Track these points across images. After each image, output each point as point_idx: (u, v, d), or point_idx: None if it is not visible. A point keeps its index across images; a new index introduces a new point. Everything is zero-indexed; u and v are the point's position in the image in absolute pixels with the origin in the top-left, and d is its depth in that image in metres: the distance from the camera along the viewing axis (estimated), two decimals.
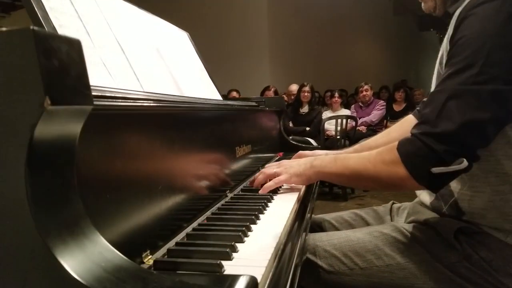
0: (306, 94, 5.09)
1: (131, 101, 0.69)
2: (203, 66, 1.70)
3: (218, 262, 0.64)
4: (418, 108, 1.43)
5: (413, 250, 1.04)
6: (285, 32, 6.42)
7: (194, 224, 0.89)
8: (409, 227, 1.11)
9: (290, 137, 2.28)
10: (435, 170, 0.84)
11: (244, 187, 1.28)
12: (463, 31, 0.87)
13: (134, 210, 0.67)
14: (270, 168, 1.19)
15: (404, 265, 1.04)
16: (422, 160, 0.85)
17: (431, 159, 0.84)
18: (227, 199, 1.12)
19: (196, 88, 1.42)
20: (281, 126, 2.16)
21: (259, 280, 0.59)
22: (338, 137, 4.76)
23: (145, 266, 0.66)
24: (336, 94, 5.50)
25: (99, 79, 0.85)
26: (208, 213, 0.98)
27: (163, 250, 0.74)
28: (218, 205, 1.06)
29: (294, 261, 0.78)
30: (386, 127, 5.55)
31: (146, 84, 1.03)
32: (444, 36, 1.02)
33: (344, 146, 4.77)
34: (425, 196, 1.18)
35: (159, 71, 1.19)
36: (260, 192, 1.13)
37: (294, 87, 5.63)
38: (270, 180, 1.15)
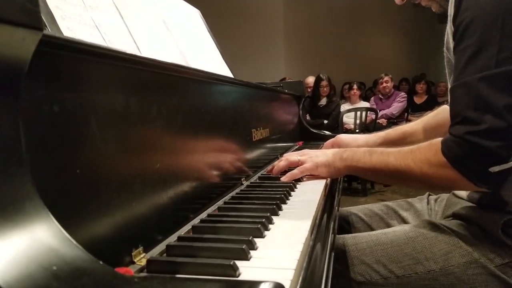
0: (325, 89, 4.88)
1: (126, 62, 0.53)
2: (215, 47, 1.54)
3: (232, 263, 0.48)
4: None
5: (459, 251, 0.87)
6: (300, 23, 6.23)
7: (203, 215, 0.73)
8: (449, 223, 0.94)
9: None
10: (495, 169, 0.74)
11: (261, 175, 1.12)
12: (467, 8, 0.78)
13: (121, 192, 0.51)
14: (293, 155, 1.06)
15: (449, 270, 0.86)
16: (476, 161, 0.76)
17: (486, 158, 0.75)
18: (242, 187, 0.96)
19: (206, 65, 1.26)
20: (300, 113, 1.99)
21: None
22: (357, 130, 4.55)
23: (134, 267, 0.51)
24: (355, 86, 5.28)
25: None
26: (219, 203, 0.82)
27: (161, 247, 0.58)
28: (232, 193, 0.89)
29: (326, 263, 0.62)
30: (407, 120, 5.32)
31: (147, 54, 0.87)
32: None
33: None
34: (462, 192, 1.01)
35: (164, 43, 1.04)
36: (283, 179, 0.99)
37: (310, 79, 5.42)
38: (292, 168, 1.02)
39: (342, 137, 1.38)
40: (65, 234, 0.33)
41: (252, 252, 0.55)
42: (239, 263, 0.50)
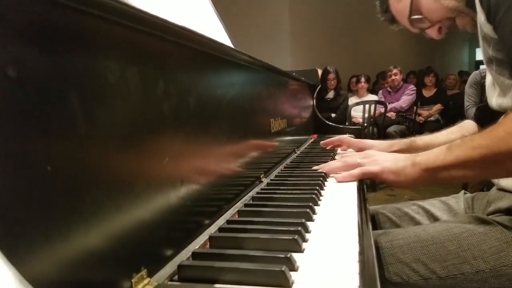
0: (332, 82, 4.73)
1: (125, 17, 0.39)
2: (224, 29, 1.39)
3: None
4: (475, 113, 1.21)
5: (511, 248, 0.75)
6: (306, 16, 6.06)
7: (220, 221, 0.59)
8: (500, 219, 0.82)
9: None
10: None
11: (281, 171, 0.98)
12: None
13: (115, 195, 0.37)
14: (352, 157, 0.93)
15: (501, 271, 0.74)
16: None
17: None
18: (262, 185, 0.82)
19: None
20: (314, 104, 1.85)
21: None
22: (365, 124, 4.40)
23: None
24: (362, 79, 5.11)
25: None
26: (238, 205, 0.68)
27: (171, 267, 0.44)
28: (251, 193, 0.75)
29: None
30: (416, 113, 5.17)
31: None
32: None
33: (372, 134, 4.42)
34: (506, 180, 0.90)
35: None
36: (339, 179, 0.86)
37: (318, 72, 5.26)
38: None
39: (366, 142, 1.23)
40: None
41: (292, 274, 0.41)
42: None
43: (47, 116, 0.28)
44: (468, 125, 1.22)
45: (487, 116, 1.13)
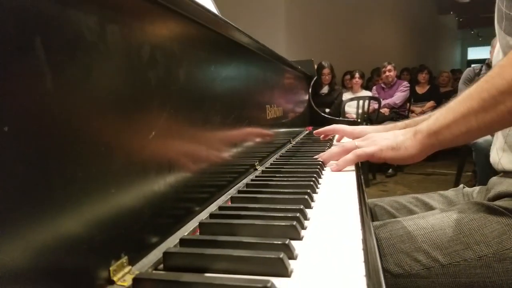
0: (326, 77, 4.70)
1: None
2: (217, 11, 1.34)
3: (270, 285, 0.29)
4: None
5: None
6: (302, 9, 6.00)
7: (212, 208, 0.54)
8: (500, 203, 0.79)
9: None
10: None
11: (276, 159, 0.93)
12: None
13: (91, 169, 0.32)
14: (350, 141, 0.87)
15: (504, 254, 0.71)
16: None
17: None
18: (257, 173, 0.77)
19: None
20: (310, 96, 1.80)
21: None
22: (359, 120, 4.37)
23: None
24: (357, 75, 5.09)
25: None
26: (232, 191, 0.63)
27: (155, 255, 0.39)
28: (246, 180, 0.71)
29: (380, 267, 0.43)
30: (409, 110, 5.17)
31: None
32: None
33: None
34: (507, 157, 0.86)
35: None
36: (334, 169, 0.81)
37: (313, 63, 5.23)
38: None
39: (366, 128, 1.19)
40: None
41: (292, 264, 0.37)
42: (277, 281, 0.32)
43: (4, 64, 0.24)
44: None
45: None
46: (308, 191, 0.59)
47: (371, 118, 4.53)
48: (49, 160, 0.27)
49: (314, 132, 1.23)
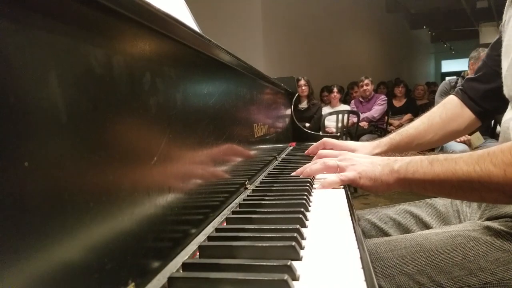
0: (303, 88, 4.78)
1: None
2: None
3: None
4: (460, 87, 1.17)
5: None
6: (279, 28, 6.11)
7: (209, 229, 0.55)
8: (504, 226, 0.79)
9: None
10: None
11: (264, 178, 0.94)
12: None
13: (98, 198, 0.32)
14: (331, 158, 0.88)
15: (509, 283, 0.71)
16: None
17: None
18: (248, 192, 0.78)
19: None
20: (292, 112, 1.83)
21: None
22: (339, 134, 4.44)
23: None
24: (335, 89, 5.19)
25: None
26: (225, 212, 0.64)
27: (159, 280, 0.39)
28: (238, 200, 0.71)
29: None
30: (387, 123, 5.28)
31: None
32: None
33: None
34: None
35: None
36: (319, 188, 0.82)
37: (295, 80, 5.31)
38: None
39: (350, 144, 1.18)
40: None
41: (295, 285, 0.38)
42: None
43: (16, 98, 0.24)
44: (451, 104, 1.18)
45: (476, 92, 1.10)
46: (302, 209, 0.60)
47: (350, 131, 4.60)
48: (63, 192, 0.27)
49: (305, 153, 1.24)
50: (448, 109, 1.17)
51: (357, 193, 4.58)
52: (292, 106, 1.82)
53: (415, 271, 0.74)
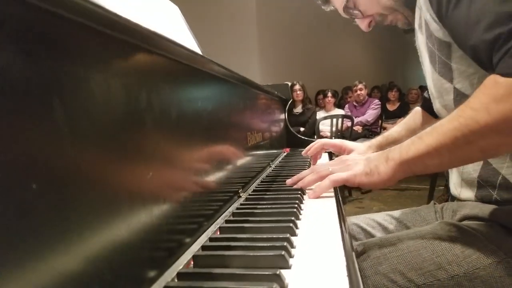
0: (298, 92, 4.82)
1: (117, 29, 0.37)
2: (197, 45, 1.38)
3: None
4: (422, 103, 1.27)
5: (483, 250, 0.77)
6: (274, 33, 6.15)
7: (202, 239, 0.57)
8: (468, 224, 0.85)
9: None
10: None
11: (258, 186, 0.97)
12: None
13: (108, 213, 0.34)
14: (324, 166, 0.88)
15: (474, 274, 0.76)
16: None
17: None
18: (241, 200, 0.81)
19: None
20: (286, 118, 1.86)
21: None
22: (333, 137, 4.48)
23: None
24: (329, 94, 5.23)
25: None
26: (219, 221, 0.66)
27: None
28: (231, 209, 0.74)
29: None
30: (381, 127, 5.33)
31: None
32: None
33: None
34: (466, 192, 0.92)
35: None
36: (311, 196, 0.83)
37: (288, 87, 5.35)
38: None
39: (347, 143, 1.24)
40: None
41: None
42: None
43: (31, 124, 0.26)
44: (419, 112, 1.26)
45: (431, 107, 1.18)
46: (293, 218, 0.62)
47: (344, 135, 4.64)
48: (69, 210, 0.29)
49: (302, 153, 1.28)
50: (418, 116, 1.27)
51: (352, 197, 4.62)
52: (286, 112, 1.85)
53: (388, 270, 0.79)
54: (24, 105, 0.26)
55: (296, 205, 0.71)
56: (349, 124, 4.69)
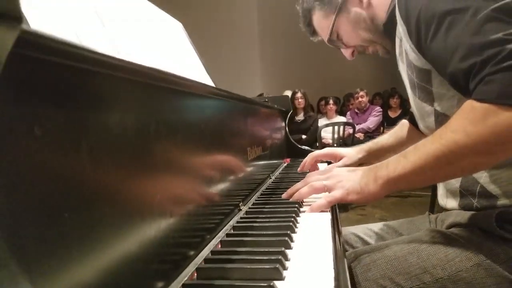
0: (299, 100, 4.88)
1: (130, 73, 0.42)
2: (200, 61, 1.43)
3: None
4: (409, 117, 1.33)
5: (465, 254, 0.83)
6: (275, 43, 6.24)
7: (205, 252, 0.62)
8: (451, 230, 0.92)
9: None
10: None
11: (258, 198, 1.02)
12: (414, 11, 0.79)
13: (123, 232, 0.40)
14: (317, 180, 0.92)
15: (457, 276, 0.82)
16: None
17: None
18: (241, 213, 0.86)
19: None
20: (286, 129, 1.91)
21: None
22: (335, 145, 4.52)
23: None
24: (331, 101, 5.29)
25: None
26: (220, 235, 0.71)
27: None
28: (232, 222, 0.79)
29: None
30: (383, 134, 5.35)
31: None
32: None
33: None
34: (451, 202, 0.98)
35: (148, 56, 0.93)
36: (308, 211, 0.87)
37: (287, 93, 5.41)
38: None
39: (338, 150, 1.32)
40: None
41: None
42: None
43: (65, 165, 0.32)
44: (405, 124, 1.33)
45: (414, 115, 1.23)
46: (288, 232, 0.67)
47: (346, 142, 4.68)
48: (88, 228, 0.35)
49: (298, 170, 1.34)
50: (404, 129, 1.33)
51: (354, 204, 4.65)
52: (287, 122, 1.91)
53: (377, 276, 0.84)
54: (58, 147, 0.32)
55: (292, 219, 0.76)
56: (351, 131, 4.73)
